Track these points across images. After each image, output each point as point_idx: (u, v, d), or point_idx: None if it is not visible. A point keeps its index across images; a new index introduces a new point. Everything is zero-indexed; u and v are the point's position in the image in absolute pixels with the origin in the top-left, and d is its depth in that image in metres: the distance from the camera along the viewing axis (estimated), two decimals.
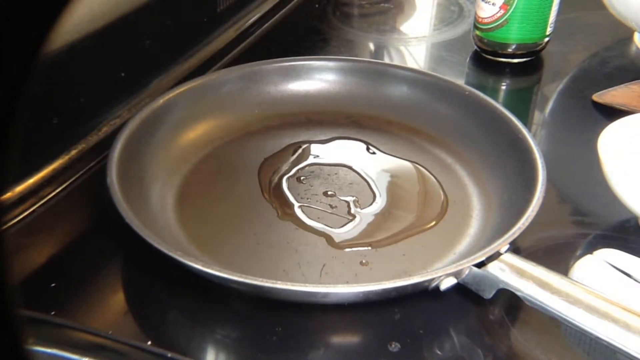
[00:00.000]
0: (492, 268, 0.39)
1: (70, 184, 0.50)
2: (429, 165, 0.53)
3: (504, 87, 0.70)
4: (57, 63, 0.47)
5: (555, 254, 0.46)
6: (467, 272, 0.39)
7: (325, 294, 0.38)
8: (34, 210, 0.47)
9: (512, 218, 0.42)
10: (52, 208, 0.48)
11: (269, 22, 0.77)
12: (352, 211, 0.48)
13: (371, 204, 0.49)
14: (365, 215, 0.48)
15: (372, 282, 0.38)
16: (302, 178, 0.51)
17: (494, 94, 0.68)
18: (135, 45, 0.57)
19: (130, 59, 0.57)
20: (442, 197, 0.50)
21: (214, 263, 0.41)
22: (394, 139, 0.56)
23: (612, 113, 0.59)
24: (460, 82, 0.60)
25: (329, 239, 0.46)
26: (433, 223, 0.47)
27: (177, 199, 0.49)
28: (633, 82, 0.65)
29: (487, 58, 0.71)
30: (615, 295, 0.37)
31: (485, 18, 0.68)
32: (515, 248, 0.44)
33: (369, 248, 0.45)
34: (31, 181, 0.48)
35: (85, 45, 0.50)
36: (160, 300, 0.42)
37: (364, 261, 0.44)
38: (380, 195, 0.50)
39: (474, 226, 0.47)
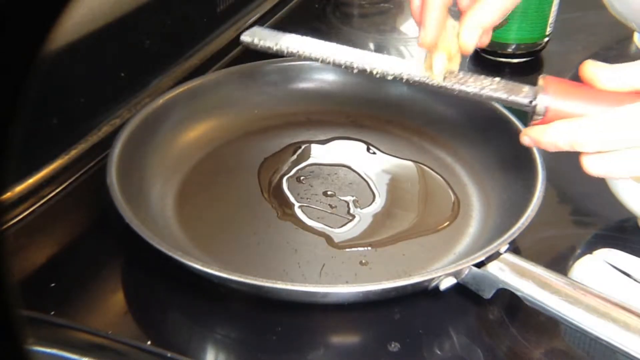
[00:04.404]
0: (492, 268, 0.39)
1: (70, 184, 0.50)
2: (430, 165, 0.53)
3: None
4: (57, 63, 0.47)
5: (555, 254, 0.46)
6: (466, 272, 0.39)
7: (325, 294, 0.39)
8: (34, 210, 0.47)
9: (512, 218, 0.42)
10: (52, 208, 0.48)
11: (269, 22, 0.77)
12: (352, 211, 0.48)
13: (371, 204, 0.49)
14: (365, 215, 0.48)
15: (372, 282, 0.38)
16: (302, 178, 0.51)
17: None
18: (135, 45, 0.57)
19: (130, 59, 0.57)
20: (453, 198, 0.50)
21: (214, 263, 0.41)
22: (394, 139, 0.56)
23: None
24: None
25: (328, 239, 0.46)
26: (447, 223, 0.47)
27: (177, 199, 0.49)
28: None
29: (487, 58, 0.71)
30: (615, 295, 0.37)
31: None
32: (515, 248, 0.44)
33: (369, 248, 0.45)
34: (31, 181, 0.48)
35: (85, 45, 0.50)
36: (160, 300, 0.42)
37: (363, 261, 0.44)
38: (379, 195, 0.50)
39: (473, 226, 0.47)
